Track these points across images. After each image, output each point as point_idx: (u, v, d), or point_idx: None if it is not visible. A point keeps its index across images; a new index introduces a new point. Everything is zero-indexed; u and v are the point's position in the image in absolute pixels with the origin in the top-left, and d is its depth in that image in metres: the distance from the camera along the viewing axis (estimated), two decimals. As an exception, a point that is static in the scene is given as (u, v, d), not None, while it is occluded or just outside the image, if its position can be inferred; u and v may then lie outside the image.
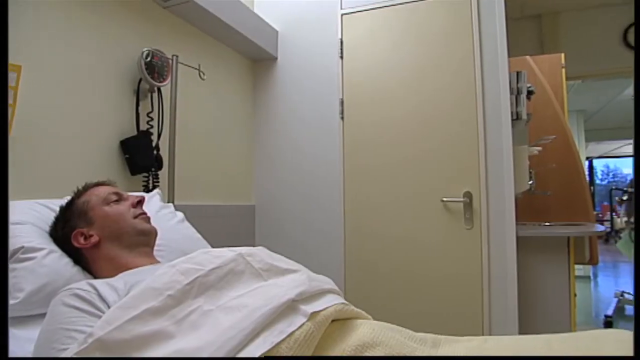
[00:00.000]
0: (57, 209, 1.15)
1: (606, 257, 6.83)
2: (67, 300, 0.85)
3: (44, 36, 1.40)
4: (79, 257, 1.08)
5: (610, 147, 9.61)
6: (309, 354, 0.73)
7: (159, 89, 1.84)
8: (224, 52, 2.39)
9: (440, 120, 2.22)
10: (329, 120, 2.44)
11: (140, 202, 1.17)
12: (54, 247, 1.08)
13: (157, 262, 1.12)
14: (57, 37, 1.45)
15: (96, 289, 0.87)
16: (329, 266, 2.34)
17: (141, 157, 1.72)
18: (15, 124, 1.25)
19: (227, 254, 0.92)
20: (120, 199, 1.15)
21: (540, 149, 2.54)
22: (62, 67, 1.47)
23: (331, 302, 0.85)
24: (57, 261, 1.05)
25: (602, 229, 2.32)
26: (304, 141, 2.51)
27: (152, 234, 1.15)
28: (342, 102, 2.40)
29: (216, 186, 2.28)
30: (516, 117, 2.20)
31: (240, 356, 0.70)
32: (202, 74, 2.01)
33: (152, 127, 1.80)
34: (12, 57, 1.22)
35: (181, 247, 1.32)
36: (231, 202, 2.41)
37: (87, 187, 1.17)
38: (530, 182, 2.45)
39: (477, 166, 2.12)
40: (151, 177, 1.78)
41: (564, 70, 3.02)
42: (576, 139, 4.51)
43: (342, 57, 2.42)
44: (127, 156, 1.69)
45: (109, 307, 0.83)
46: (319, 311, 0.80)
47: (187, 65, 1.94)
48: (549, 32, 3.80)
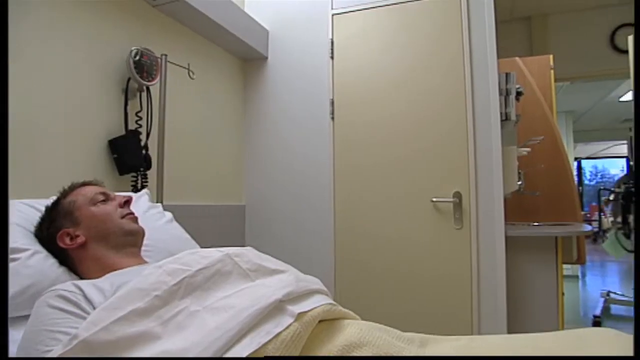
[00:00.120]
0: (43, 209, 1.14)
1: (594, 256, 6.91)
2: (51, 301, 0.84)
3: (31, 34, 1.39)
4: (65, 258, 1.07)
5: (598, 148, 9.73)
6: (295, 354, 0.73)
7: (148, 88, 1.82)
8: (214, 51, 2.37)
9: (430, 120, 2.23)
10: (320, 120, 2.44)
11: (127, 202, 1.16)
12: (39, 247, 1.07)
13: (145, 262, 1.12)
14: (45, 35, 1.44)
15: (82, 290, 0.87)
16: (319, 266, 2.34)
17: (130, 156, 1.70)
18: (0, 123, 1.23)
19: (214, 254, 0.91)
20: (107, 199, 1.14)
21: (529, 149, 2.56)
22: (50, 66, 1.45)
23: (319, 303, 0.85)
24: (42, 262, 1.03)
25: (589, 229, 2.35)
26: (295, 141, 2.51)
27: (140, 234, 1.14)
28: (332, 102, 2.40)
29: (206, 186, 2.27)
30: (505, 118, 2.21)
31: (226, 356, 0.70)
32: (191, 73, 1.99)
33: (140, 126, 1.78)
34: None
35: (169, 248, 1.31)
36: (221, 202, 2.40)
37: (73, 187, 1.15)
38: (519, 183, 2.47)
39: (467, 166, 2.14)
40: (140, 177, 1.77)
41: (552, 71, 3.05)
42: (565, 139, 4.57)
43: (332, 57, 2.42)
44: (115, 156, 1.67)
45: (94, 309, 0.82)
46: (306, 311, 0.80)
47: (177, 64, 1.93)
48: (538, 34, 3.84)
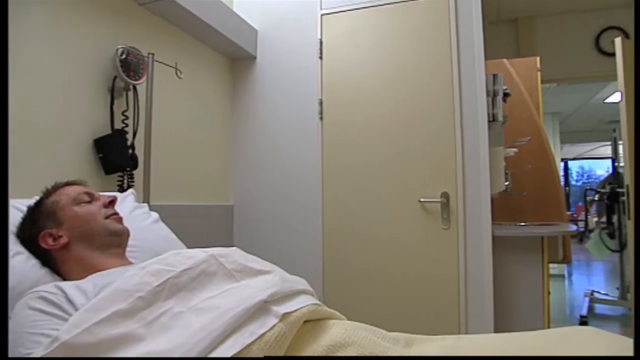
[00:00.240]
0: (25, 210, 1.12)
1: (580, 256, 6.99)
2: (32, 303, 0.83)
3: (14, 33, 1.36)
4: (48, 259, 1.05)
5: (584, 149, 9.87)
6: (280, 354, 0.73)
7: (134, 87, 1.81)
8: (202, 50, 2.36)
9: (418, 121, 2.23)
10: (308, 120, 2.43)
11: (112, 202, 1.15)
12: (21, 248, 1.05)
13: (129, 263, 1.10)
14: (28, 34, 1.41)
15: (63, 292, 0.86)
16: (307, 266, 2.34)
17: (116, 156, 1.69)
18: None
19: (199, 255, 0.91)
20: (91, 199, 1.12)
21: (516, 150, 2.59)
22: (33, 63, 1.43)
23: (304, 303, 0.85)
24: (23, 263, 1.02)
25: (574, 228, 2.38)
26: (283, 141, 2.51)
27: (124, 234, 1.13)
28: (321, 102, 2.40)
29: (194, 186, 2.26)
30: (492, 119, 2.23)
31: (210, 356, 0.69)
32: (179, 73, 1.98)
33: (127, 125, 1.76)
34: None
35: (155, 248, 1.30)
36: (209, 202, 2.39)
37: (56, 187, 1.14)
38: (506, 183, 2.50)
39: (454, 167, 2.15)
40: (126, 177, 1.75)
41: (539, 73, 3.09)
42: (551, 141, 4.61)
43: (321, 58, 2.42)
44: (100, 155, 1.65)
45: (76, 310, 0.81)
46: (291, 312, 0.80)
47: (164, 63, 1.91)
48: (525, 36, 3.87)
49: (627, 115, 2.65)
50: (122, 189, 1.70)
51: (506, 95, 2.38)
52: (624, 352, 0.70)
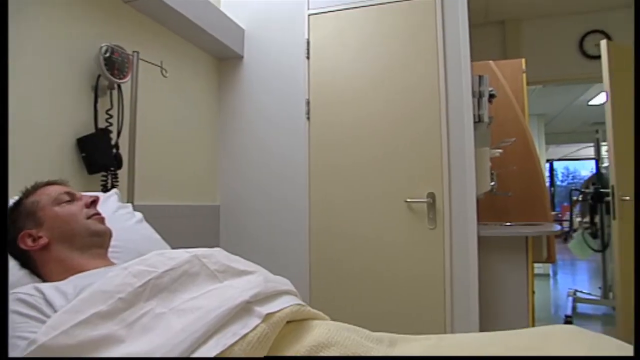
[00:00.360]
0: (4, 210, 1.10)
1: (565, 255, 7.08)
2: (10, 305, 0.81)
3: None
4: (27, 260, 1.03)
5: (569, 150, 10.01)
6: (262, 355, 0.73)
7: (119, 86, 1.78)
8: (189, 49, 2.34)
9: (404, 121, 2.24)
10: (295, 120, 2.43)
11: (94, 202, 1.13)
12: (-1, 249, 1.03)
13: (111, 264, 1.09)
14: (11, 30, 1.39)
15: (42, 293, 0.84)
16: (294, 266, 2.34)
17: (99, 155, 1.66)
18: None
19: (181, 255, 0.90)
20: (72, 199, 1.10)
21: (501, 151, 2.61)
22: (15, 62, 1.40)
23: (287, 303, 0.85)
24: (2, 264, 1.00)
25: (558, 228, 2.41)
26: (270, 141, 2.50)
27: (106, 235, 1.11)
28: (308, 102, 2.40)
29: (179, 186, 2.24)
30: (478, 120, 2.25)
31: (192, 357, 0.69)
32: (164, 71, 1.96)
33: (111, 124, 1.74)
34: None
35: (138, 248, 1.28)
36: (195, 202, 2.37)
37: (37, 187, 1.11)
38: (492, 184, 2.52)
39: (440, 167, 2.16)
40: (110, 177, 1.72)
41: (524, 75, 3.13)
42: (536, 142, 4.68)
43: (308, 57, 2.42)
44: (83, 154, 1.63)
45: (56, 312, 0.80)
46: (274, 312, 0.79)
47: (149, 62, 1.89)
48: (512, 38, 3.92)
49: (612, 115, 2.69)
50: (105, 189, 1.68)
51: (492, 96, 2.40)
52: (605, 351, 0.71)
